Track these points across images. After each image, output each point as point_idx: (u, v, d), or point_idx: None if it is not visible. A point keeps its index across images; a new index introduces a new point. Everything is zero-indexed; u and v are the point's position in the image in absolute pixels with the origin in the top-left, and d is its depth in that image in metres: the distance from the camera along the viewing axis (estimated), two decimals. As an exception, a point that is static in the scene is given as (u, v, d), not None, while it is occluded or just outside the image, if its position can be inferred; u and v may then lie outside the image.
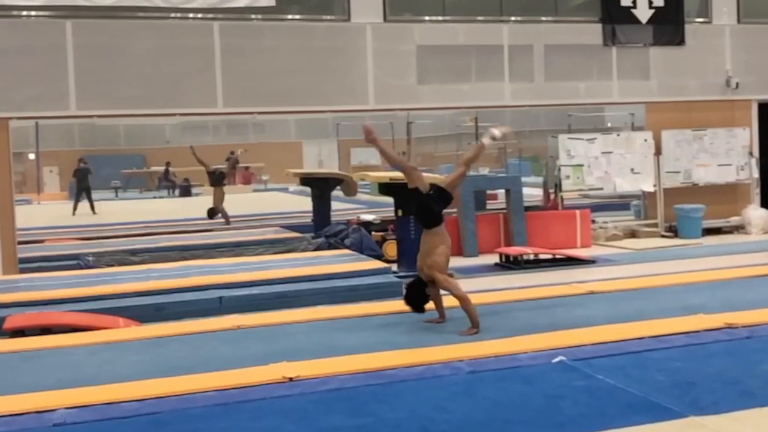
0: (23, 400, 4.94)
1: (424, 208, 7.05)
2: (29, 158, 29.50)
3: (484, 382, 5.29)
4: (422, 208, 7.08)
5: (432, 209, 7.02)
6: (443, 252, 6.93)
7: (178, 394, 5.03)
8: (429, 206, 7.02)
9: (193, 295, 8.56)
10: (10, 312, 7.79)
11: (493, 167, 24.78)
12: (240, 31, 11.99)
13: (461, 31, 13.11)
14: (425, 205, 7.02)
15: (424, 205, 7.04)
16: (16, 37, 11.11)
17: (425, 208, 7.05)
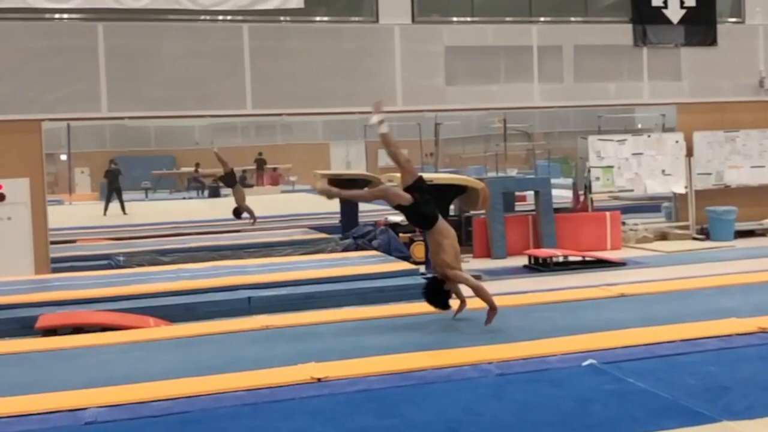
0: (56, 399, 5.00)
1: (417, 216, 6.96)
2: (61, 159, 29.89)
3: (513, 384, 5.25)
4: (416, 217, 6.99)
5: (424, 213, 6.90)
6: (449, 246, 6.83)
7: (208, 394, 5.06)
8: (419, 213, 6.90)
9: (223, 296, 8.62)
10: (42, 311, 7.90)
11: (521, 168, 24.67)
12: (269, 32, 12.06)
13: (490, 32, 13.07)
14: (416, 213, 6.91)
15: (415, 214, 6.93)
16: (49, 39, 11.27)
17: (418, 216, 6.95)
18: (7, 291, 9.06)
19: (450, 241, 6.89)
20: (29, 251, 10.84)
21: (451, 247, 6.87)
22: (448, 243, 6.87)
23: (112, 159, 23.93)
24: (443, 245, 6.83)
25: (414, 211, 6.89)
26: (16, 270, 10.55)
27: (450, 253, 6.84)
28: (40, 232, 11.00)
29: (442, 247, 6.82)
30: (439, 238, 6.86)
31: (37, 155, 11.09)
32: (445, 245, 6.83)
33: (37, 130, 11.13)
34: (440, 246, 6.83)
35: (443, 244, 6.83)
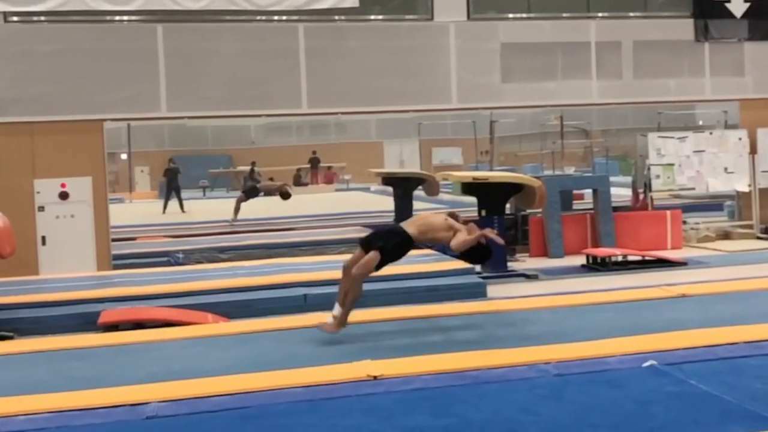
0: (118, 393, 5.11)
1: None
2: (122, 158, 30.52)
3: (571, 385, 5.19)
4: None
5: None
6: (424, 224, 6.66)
7: (265, 390, 5.11)
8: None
9: (279, 293, 8.71)
10: (104, 307, 8.08)
11: (578, 167, 24.33)
12: (324, 32, 12.12)
13: (547, 28, 12.92)
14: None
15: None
16: (110, 41, 11.51)
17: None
18: (71, 287, 9.29)
19: (421, 221, 6.66)
20: (92, 248, 11.09)
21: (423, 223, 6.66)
22: (423, 223, 6.65)
23: (171, 158, 24.33)
24: (426, 229, 6.61)
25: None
26: (79, 266, 10.82)
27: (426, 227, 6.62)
28: (102, 229, 11.24)
29: (427, 229, 6.61)
30: (423, 229, 6.63)
31: (99, 155, 11.33)
32: (427, 228, 6.61)
33: (99, 130, 11.37)
34: (426, 228, 6.62)
35: (425, 230, 6.61)
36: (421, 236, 6.65)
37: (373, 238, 6.60)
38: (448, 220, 6.69)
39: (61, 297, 8.64)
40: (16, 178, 10.87)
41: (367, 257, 6.39)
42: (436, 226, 6.62)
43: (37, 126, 11.06)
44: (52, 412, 4.79)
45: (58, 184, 11.01)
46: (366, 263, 6.37)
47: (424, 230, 6.60)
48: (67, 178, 11.03)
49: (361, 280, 6.38)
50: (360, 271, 6.36)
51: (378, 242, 6.48)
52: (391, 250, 6.46)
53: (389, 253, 6.45)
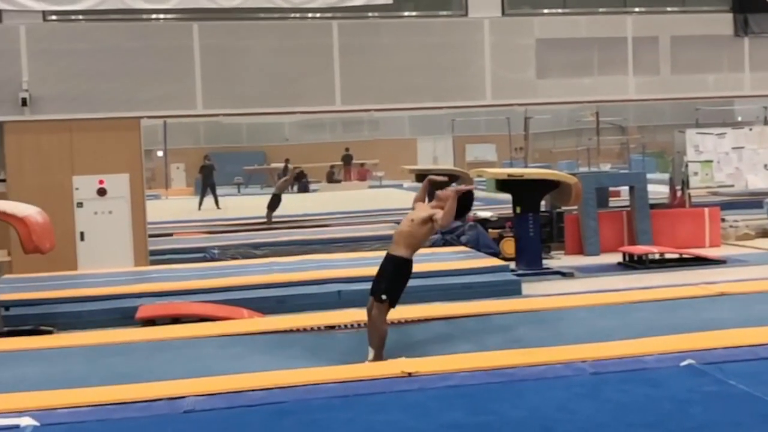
0: (155, 388, 5.16)
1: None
2: (158, 155, 30.86)
3: (608, 383, 5.13)
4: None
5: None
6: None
7: (301, 385, 5.13)
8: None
9: (313, 289, 8.75)
10: (141, 302, 8.18)
11: (614, 163, 24.10)
12: (358, 29, 12.13)
13: (583, 24, 12.81)
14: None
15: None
16: (146, 39, 11.65)
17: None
18: (109, 282, 9.43)
19: (402, 237, 6.37)
20: (129, 244, 11.24)
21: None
22: (404, 237, 6.36)
23: (207, 155, 24.55)
24: (412, 241, 6.35)
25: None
26: (116, 261, 10.97)
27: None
28: (139, 225, 11.38)
29: (412, 241, 6.34)
30: (409, 241, 6.32)
31: (136, 152, 11.47)
32: (412, 240, 6.35)
33: (136, 128, 11.51)
34: (412, 240, 6.34)
35: (412, 241, 6.35)
36: (414, 248, 6.39)
37: (374, 283, 6.41)
38: (418, 218, 6.35)
39: (99, 292, 8.78)
40: (55, 175, 11.06)
41: (374, 313, 6.25)
42: (416, 233, 6.32)
43: (76, 123, 11.23)
44: (91, 405, 4.85)
45: (97, 181, 11.17)
46: (376, 316, 6.25)
47: (411, 242, 6.33)
48: (105, 174, 11.19)
49: (381, 325, 6.29)
50: (375, 319, 6.27)
51: (376, 288, 6.31)
52: (391, 289, 6.26)
53: (391, 291, 6.26)
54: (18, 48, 11.18)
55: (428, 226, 6.32)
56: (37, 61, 11.22)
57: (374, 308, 6.24)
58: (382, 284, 6.28)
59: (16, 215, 7.31)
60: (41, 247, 7.31)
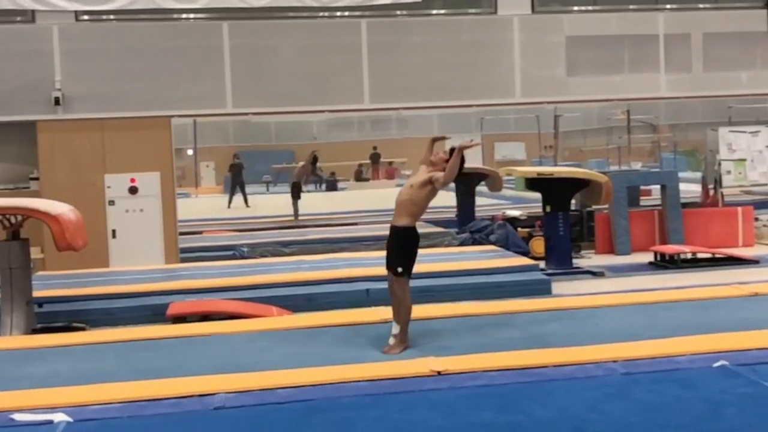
0: (186, 384, 5.20)
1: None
2: (188, 154, 31.10)
3: (639, 384, 5.09)
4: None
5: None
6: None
7: (330, 383, 5.15)
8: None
9: (342, 287, 8.76)
10: (172, 299, 8.25)
11: (645, 162, 23.85)
12: (386, 27, 12.12)
13: (613, 21, 12.69)
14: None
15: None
16: (177, 38, 11.74)
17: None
18: (140, 279, 9.52)
19: (402, 207, 6.33)
20: (160, 241, 11.33)
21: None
22: (406, 206, 6.33)
23: (236, 153, 24.70)
24: (413, 209, 6.31)
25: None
26: (147, 259, 11.07)
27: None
28: (170, 223, 11.48)
29: (413, 209, 6.31)
30: (411, 209, 6.29)
31: (167, 150, 11.56)
32: (413, 208, 6.31)
33: (167, 126, 11.60)
34: (413, 208, 6.32)
35: (413, 209, 6.31)
36: (415, 216, 6.35)
37: (387, 258, 6.43)
38: (417, 182, 6.32)
39: (130, 289, 8.87)
40: (87, 173, 11.18)
41: (396, 288, 6.27)
42: (415, 199, 6.27)
43: (108, 122, 11.35)
44: (123, 402, 4.90)
45: (128, 179, 11.28)
46: (398, 290, 6.27)
47: (412, 210, 6.29)
48: (136, 173, 11.30)
49: (404, 298, 6.29)
50: (398, 294, 6.30)
51: (389, 263, 6.34)
52: (403, 261, 6.25)
53: (403, 263, 6.26)
54: (51, 48, 11.33)
55: (427, 188, 6.29)
56: (69, 61, 11.36)
57: (394, 284, 6.26)
58: (393, 258, 6.29)
59: (50, 213, 7.40)
60: (74, 245, 7.39)
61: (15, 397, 5.06)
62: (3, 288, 7.60)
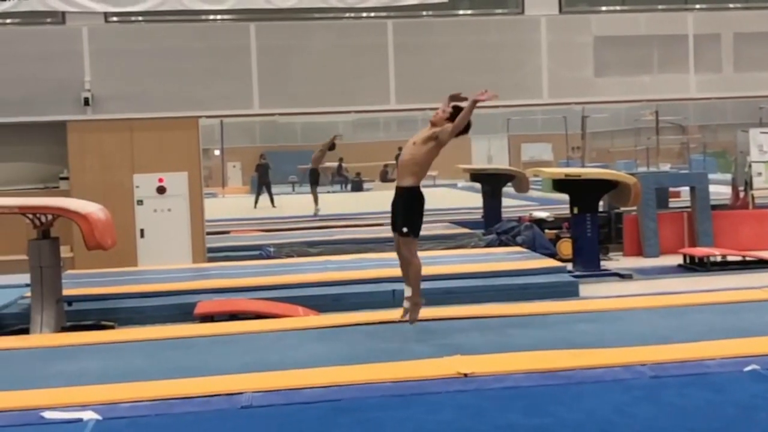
0: (214, 383, 5.23)
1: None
2: (215, 154, 31.33)
3: (668, 387, 5.03)
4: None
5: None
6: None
7: (357, 383, 5.15)
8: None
9: (368, 287, 8.77)
10: (200, 298, 8.31)
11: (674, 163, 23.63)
12: (413, 28, 12.12)
13: (642, 21, 12.59)
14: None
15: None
16: (204, 39, 11.82)
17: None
18: (168, 278, 9.60)
19: (406, 167, 6.35)
20: (187, 241, 11.42)
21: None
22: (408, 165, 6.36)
23: (262, 154, 24.80)
24: (416, 169, 6.34)
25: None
26: (175, 258, 11.16)
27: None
28: (197, 223, 11.56)
29: (415, 168, 6.34)
30: (414, 170, 6.33)
31: (194, 150, 11.65)
32: (415, 168, 6.34)
33: (195, 127, 11.69)
34: (415, 168, 6.33)
35: (416, 169, 6.34)
36: (419, 176, 6.32)
37: (392, 221, 6.42)
38: (420, 138, 6.30)
39: (159, 288, 8.95)
40: (116, 173, 11.30)
41: (404, 251, 6.31)
42: (418, 158, 6.25)
43: (136, 122, 11.46)
44: (152, 400, 4.94)
45: (156, 179, 11.38)
46: (406, 252, 6.30)
47: (415, 170, 6.27)
48: (164, 173, 11.39)
49: (413, 259, 6.29)
50: (406, 255, 6.31)
51: (396, 225, 6.35)
52: (409, 222, 6.26)
53: (409, 223, 6.26)
54: (80, 49, 11.46)
55: (430, 145, 6.27)
56: (98, 62, 11.49)
57: (402, 247, 6.26)
58: (399, 219, 6.27)
59: (79, 212, 7.49)
60: (103, 244, 7.47)
61: (45, 395, 5.11)
62: (33, 286, 7.70)
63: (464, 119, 6.16)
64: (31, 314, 7.63)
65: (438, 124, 6.31)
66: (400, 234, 6.26)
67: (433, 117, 6.41)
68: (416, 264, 6.26)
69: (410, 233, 6.22)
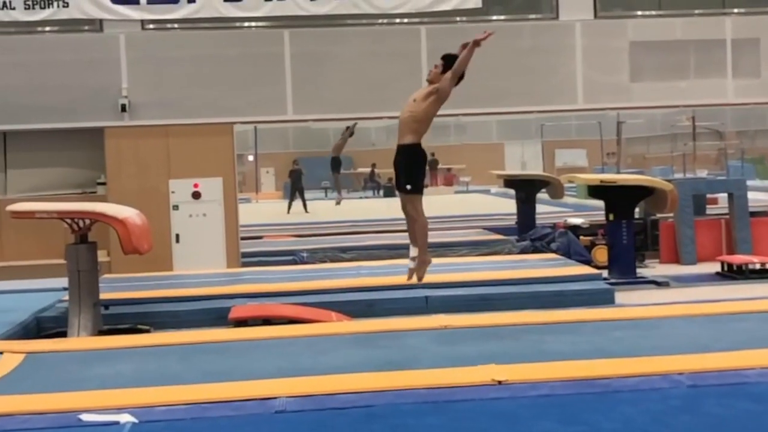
0: (248, 387, 5.25)
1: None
2: (248, 160, 31.54)
3: (706, 397, 4.94)
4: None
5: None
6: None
7: (391, 390, 5.13)
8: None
9: (401, 294, 8.75)
10: (234, 303, 8.36)
11: (711, 169, 23.30)
12: (446, 33, 12.08)
13: (678, 26, 12.45)
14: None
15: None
16: (239, 46, 11.93)
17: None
18: (203, 283, 9.69)
19: (406, 125, 6.39)
20: (222, 246, 11.51)
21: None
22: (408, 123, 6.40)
23: (295, 159, 24.95)
24: (416, 126, 6.36)
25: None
26: (210, 263, 11.25)
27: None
28: (232, 228, 11.65)
29: (415, 126, 6.36)
30: (414, 127, 6.35)
31: (229, 156, 11.75)
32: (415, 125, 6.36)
33: (230, 133, 11.79)
34: (415, 125, 6.35)
35: (415, 127, 6.36)
36: (419, 132, 6.33)
37: (396, 181, 6.45)
38: (420, 95, 6.31)
39: (194, 292, 9.03)
40: (152, 178, 11.43)
41: (409, 208, 6.33)
42: (417, 114, 6.25)
43: (172, 128, 11.59)
44: (187, 403, 4.97)
45: (191, 185, 11.49)
46: (411, 209, 6.31)
47: (415, 127, 6.28)
48: (199, 178, 11.50)
49: (418, 217, 6.29)
50: (412, 213, 6.32)
51: (399, 183, 6.35)
52: (411, 178, 6.27)
53: (412, 180, 6.27)
54: (118, 56, 11.62)
55: (429, 101, 6.26)
56: (135, 69, 11.64)
57: (407, 204, 6.25)
58: (402, 177, 6.29)
59: (116, 217, 7.58)
60: (139, 249, 7.55)
61: (82, 397, 5.17)
62: (71, 290, 7.81)
63: (464, 62, 6.14)
64: (69, 318, 7.74)
65: (435, 81, 6.30)
66: (404, 192, 6.26)
67: (429, 75, 6.40)
68: (422, 222, 6.28)
69: (414, 190, 6.23)
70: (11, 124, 11.55)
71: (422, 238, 6.21)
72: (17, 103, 11.46)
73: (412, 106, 6.30)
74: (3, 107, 11.44)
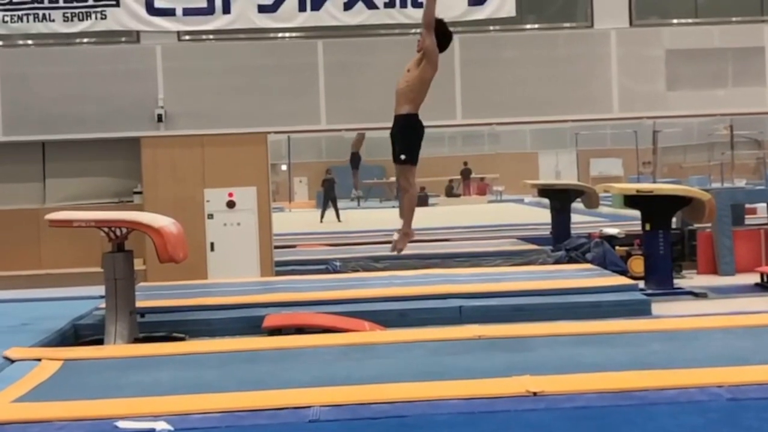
0: (282, 396, 5.26)
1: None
2: (282, 169, 31.70)
3: (747, 411, 4.85)
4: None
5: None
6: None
7: (425, 400, 5.11)
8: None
9: (434, 303, 8.73)
10: (267, 311, 8.40)
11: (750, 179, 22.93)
12: (479, 42, 12.08)
13: (715, 33, 12.29)
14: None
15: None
16: (273, 56, 12.02)
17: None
18: (237, 291, 9.74)
19: (403, 92, 6.39)
20: (256, 255, 11.58)
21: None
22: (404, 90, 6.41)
23: (328, 169, 25.03)
24: (412, 93, 6.36)
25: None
26: (244, 272, 11.31)
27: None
28: (266, 237, 11.71)
29: (411, 91, 6.37)
30: (410, 96, 6.37)
31: (263, 166, 11.83)
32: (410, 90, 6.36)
33: (264, 142, 11.87)
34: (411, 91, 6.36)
35: (412, 94, 6.36)
36: (416, 102, 6.33)
37: (392, 152, 6.44)
38: (413, 62, 6.36)
39: (228, 301, 9.08)
40: (188, 188, 11.54)
41: (401, 179, 6.37)
42: (412, 83, 6.27)
43: (208, 138, 11.70)
44: (222, 411, 4.99)
45: (226, 194, 11.58)
46: (403, 181, 6.35)
47: (411, 96, 6.29)
48: (234, 187, 11.59)
49: (409, 188, 6.31)
50: (403, 184, 6.36)
51: (395, 153, 6.35)
52: (406, 148, 6.29)
53: (407, 150, 6.27)
54: (154, 67, 11.78)
55: (422, 65, 6.25)
56: (171, 79, 11.78)
57: (400, 174, 6.26)
58: (397, 147, 6.31)
59: (153, 226, 7.66)
60: (175, 257, 7.62)
61: (119, 404, 5.22)
62: (108, 298, 7.90)
63: (428, 11, 6.24)
64: (106, 325, 7.82)
65: (421, 50, 6.36)
66: (398, 162, 6.26)
67: (417, 47, 6.45)
68: (411, 194, 6.32)
69: (408, 160, 6.21)
70: (50, 135, 11.75)
71: (409, 210, 6.25)
72: (56, 113, 11.67)
73: (406, 76, 6.38)
74: (42, 118, 11.66)
